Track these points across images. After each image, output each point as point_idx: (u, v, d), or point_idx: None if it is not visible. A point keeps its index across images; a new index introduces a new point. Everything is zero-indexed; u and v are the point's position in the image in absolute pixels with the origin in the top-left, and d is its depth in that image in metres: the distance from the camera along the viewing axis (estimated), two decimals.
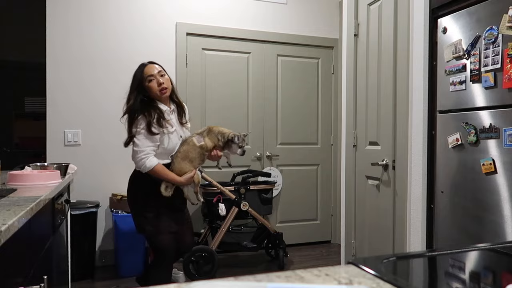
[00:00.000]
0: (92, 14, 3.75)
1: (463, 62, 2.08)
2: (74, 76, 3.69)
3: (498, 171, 1.88)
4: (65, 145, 3.67)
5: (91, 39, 3.75)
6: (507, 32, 1.83)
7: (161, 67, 2.48)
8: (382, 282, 0.67)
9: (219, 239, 3.44)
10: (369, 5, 2.94)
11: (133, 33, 3.86)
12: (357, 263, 0.75)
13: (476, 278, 0.86)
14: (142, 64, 2.49)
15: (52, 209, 1.88)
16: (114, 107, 3.82)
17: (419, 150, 2.39)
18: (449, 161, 2.18)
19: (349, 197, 3.18)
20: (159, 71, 2.44)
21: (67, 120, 3.67)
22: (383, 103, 2.76)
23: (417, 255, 0.97)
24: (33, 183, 1.82)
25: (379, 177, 2.80)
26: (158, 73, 2.42)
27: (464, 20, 2.08)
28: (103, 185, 3.74)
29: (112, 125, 3.79)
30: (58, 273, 2.08)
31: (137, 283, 2.68)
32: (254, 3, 4.25)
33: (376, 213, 2.83)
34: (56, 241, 1.99)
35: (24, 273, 1.33)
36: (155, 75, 2.41)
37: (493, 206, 1.91)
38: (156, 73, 2.42)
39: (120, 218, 3.46)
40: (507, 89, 1.84)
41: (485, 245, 1.00)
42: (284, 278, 0.68)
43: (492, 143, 1.92)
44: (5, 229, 0.99)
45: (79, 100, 3.70)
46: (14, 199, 1.42)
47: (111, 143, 3.76)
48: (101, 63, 3.78)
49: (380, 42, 2.80)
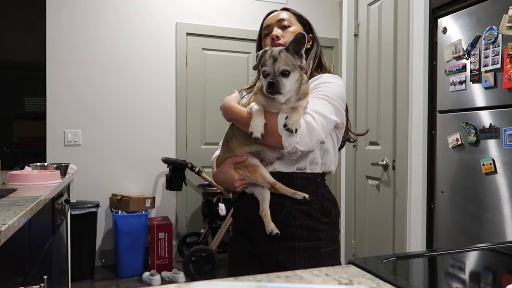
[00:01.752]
0: (92, 14, 3.75)
1: (463, 62, 2.07)
2: (74, 76, 3.69)
3: (498, 171, 1.88)
4: (65, 145, 3.67)
5: (91, 39, 3.75)
6: (507, 32, 1.83)
7: (292, 13, 1.52)
8: (382, 282, 0.67)
9: (219, 239, 3.44)
10: (369, 5, 2.94)
11: (133, 33, 3.86)
12: (357, 263, 0.75)
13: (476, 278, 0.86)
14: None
15: (52, 209, 1.88)
16: (114, 106, 3.82)
17: (419, 150, 2.39)
18: (449, 161, 2.18)
19: (349, 197, 3.18)
20: (280, 19, 1.47)
21: (67, 120, 3.67)
22: (383, 103, 2.76)
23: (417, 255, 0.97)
24: (33, 183, 1.82)
25: (379, 177, 2.80)
26: (277, 23, 1.47)
27: (464, 20, 2.08)
28: (103, 185, 3.74)
29: (112, 125, 3.80)
30: (58, 273, 2.08)
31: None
32: (254, 3, 4.25)
33: (376, 213, 2.83)
34: (56, 241, 1.99)
35: (24, 273, 1.33)
36: (273, 25, 1.47)
37: (493, 206, 1.91)
38: (274, 23, 1.47)
39: (120, 218, 3.46)
40: (507, 89, 1.84)
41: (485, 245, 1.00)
42: (284, 278, 0.68)
43: (492, 143, 1.92)
44: (5, 229, 0.99)
45: (79, 100, 3.71)
46: (14, 199, 1.42)
47: (111, 143, 3.76)
48: (101, 63, 3.78)
49: (380, 42, 2.80)
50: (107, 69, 3.79)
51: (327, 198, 1.38)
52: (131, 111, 3.86)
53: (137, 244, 3.51)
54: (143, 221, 3.55)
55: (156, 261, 3.54)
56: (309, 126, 1.21)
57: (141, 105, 3.89)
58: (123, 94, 3.84)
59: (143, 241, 3.55)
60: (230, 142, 1.37)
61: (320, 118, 1.23)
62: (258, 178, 1.30)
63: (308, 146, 1.22)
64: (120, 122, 3.82)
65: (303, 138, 1.20)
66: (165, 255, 3.57)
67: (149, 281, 3.34)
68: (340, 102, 1.30)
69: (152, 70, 3.92)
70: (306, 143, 1.21)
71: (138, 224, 3.52)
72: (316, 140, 1.22)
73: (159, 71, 3.94)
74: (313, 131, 1.21)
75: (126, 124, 3.82)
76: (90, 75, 3.75)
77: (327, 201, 1.38)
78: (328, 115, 1.25)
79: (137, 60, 3.88)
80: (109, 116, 3.78)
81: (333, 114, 1.27)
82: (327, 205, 1.37)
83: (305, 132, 1.20)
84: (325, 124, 1.24)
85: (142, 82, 3.89)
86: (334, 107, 1.28)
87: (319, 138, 1.23)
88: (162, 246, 3.56)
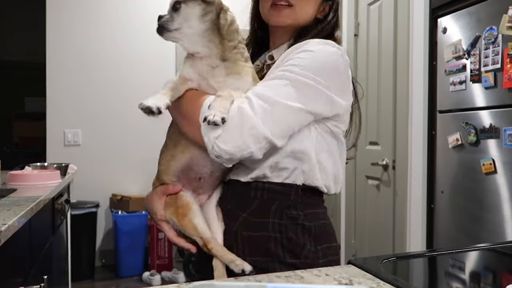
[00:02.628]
0: (92, 14, 3.75)
1: (463, 62, 2.07)
2: (74, 76, 3.69)
3: (498, 171, 1.88)
4: (65, 145, 3.67)
5: (91, 39, 3.75)
6: (507, 32, 1.82)
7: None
8: (382, 282, 0.67)
9: None
10: (369, 5, 2.94)
11: (133, 33, 3.86)
12: (357, 263, 0.75)
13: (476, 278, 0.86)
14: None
15: (52, 209, 1.88)
16: (114, 106, 3.82)
17: (419, 150, 2.39)
18: (449, 161, 2.18)
19: (349, 197, 3.18)
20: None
21: (67, 120, 3.67)
22: (383, 103, 2.76)
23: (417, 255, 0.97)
24: (33, 183, 1.82)
25: (379, 177, 2.80)
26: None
27: (464, 20, 2.08)
28: (103, 185, 3.74)
29: (112, 125, 3.80)
30: (58, 273, 2.08)
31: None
32: None
33: (376, 213, 2.83)
34: (56, 241, 1.99)
35: (24, 273, 1.33)
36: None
37: (493, 206, 1.91)
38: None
39: (120, 218, 3.46)
40: (507, 89, 1.84)
41: (485, 245, 1.00)
42: (284, 278, 0.68)
43: (492, 143, 1.91)
44: (5, 229, 0.99)
45: (79, 100, 3.70)
46: (14, 199, 1.42)
47: (111, 143, 3.76)
48: (101, 63, 3.78)
49: (380, 42, 2.80)
50: (107, 69, 3.79)
51: (301, 225, 0.92)
52: (131, 111, 3.85)
53: (137, 244, 3.50)
54: (143, 221, 3.55)
55: (156, 261, 3.54)
56: (240, 113, 0.82)
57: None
58: (123, 94, 3.84)
59: (143, 241, 3.54)
60: (162, 156, 0.98)
61: (260, 102, 0.83)
62: (186, 228, 0.92)
63: (235, 144, 0.81)
64: (120, 122, 3.81)
65: (227, 131, 0.81)
66: (165, 255, 3.57)
67: (149, 281, 3.34)
68: (321, 80, 0.87)
69: (153, 69, 3.92)
70: (232, 139, 0.81)
71: (138, 224, 3.52)
72: (250, 135, 0.81)
73: (160, 70, 3.94)
74: (245, 121, 0.81)
75: (126, 124, 3.82)
76: (90, 75, 3.74)
77: (300, 231, 0.92)
78: (281, 99, 0.83)
79: (137, 60, 3.88)
80: (109, 116, 3.78)
81: (294, 99, 0.84)
82: (300, 238, 0.91)
83: (233, 122, 0.81)
84: (270, 111, 0.82)
85: (142, 82, 3.88)
86: (300, 90, 0.85)
87: (257, 132, 0.81)
88: (162, 246, 3.56)
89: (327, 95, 0.88)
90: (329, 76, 0.89)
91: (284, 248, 0.90)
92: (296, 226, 0.92)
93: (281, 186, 0.92)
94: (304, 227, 0.92)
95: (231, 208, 0.96)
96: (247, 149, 0.82)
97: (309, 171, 0.93)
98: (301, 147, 0.90)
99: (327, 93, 0.88)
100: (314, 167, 0.93)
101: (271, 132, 0.83)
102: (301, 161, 0.91)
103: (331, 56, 0.91)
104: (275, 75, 0.88)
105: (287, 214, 0.92)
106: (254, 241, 0.91)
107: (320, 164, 0.94)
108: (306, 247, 0.91)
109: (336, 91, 0.90)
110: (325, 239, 0.95)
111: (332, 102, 0.90)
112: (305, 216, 0.93)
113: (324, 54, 0.90)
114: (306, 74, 0.86)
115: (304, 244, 0.91)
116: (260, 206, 0.92)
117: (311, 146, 0.92)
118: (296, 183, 0.92)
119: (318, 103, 0.88)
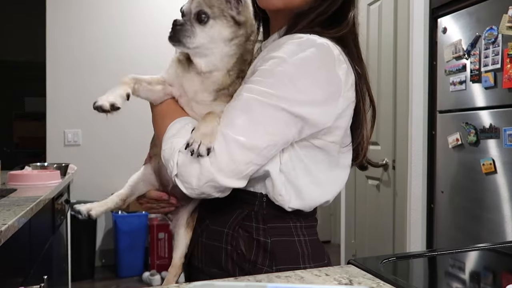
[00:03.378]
0: (92, 14, 3.75)
1: (463, 62, 2.07)
2: (74, 76, 3.69)
3: (498, 171, 1.88)
4: (65, 145, 3.67)
5: (91, 39, 3.75)
6: (507, 32, 1.82)
7: None
8: (382, 282, 0.67)
9: None
10: (369, 5, 2.94)
11: (134, 33, 3.86)
12: (357, 263, 0.75)
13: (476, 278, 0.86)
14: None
15: (52, 209, 1.88)
16: None
17: (419, 150, 2.39)
18: (449, 161, 2.18)
19: (349, 197, 3.18)
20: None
21: (67, 120, 3.67)
22: (383, 103, 2.76)
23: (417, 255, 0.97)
24: (33, 183, 1.82)
25: (379, 177, 2.80)
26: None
27: (464, 20, 2.08)
28: (103, 185, 3.73)
29: (112, 125, 3.79)
30: (58, 273, 2.08)
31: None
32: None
33: (376, 213, 2.83)
34: (56, 241, 1.99)
35: (24, 273, 1.33)
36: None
37: (493, 206, 1.91)
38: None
39: (120, 218, 3.46)
40: (507, 89, 1.83)
41: (485, 245, 1.00)
42: (284, 278, 0.68)
43: (492, 143, 1.91)
44: (5, 229, 0.99)
45: (79, 100, 3.70)
46: (14, 199, 1.42)
47: (111, 143, 3.75)
48: (101, 63, 3.77)
49: (380, 42, 2.80)
50: (107, 69, 3.79)
51: (256, 240, 0.81)
52: (131, 111, 3.85)
53: (137, 244, 3.50)
54: (143, 221, 3.55)
55: (156, 261, 3.54)
56: (198, 163, 0.72)
57: (142, 105, 3.88)
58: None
59: (143, 241, 3.54)
60: (151, 144, 1.00)
61: (222, 143, 0.72)
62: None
63: (192, 191, 0.73)
64: (120, 122, 3.81)
65: (185, 175, 0.73)
66: (165, 255, 3.56)
67: (149, 281, 3.34)
68: (291, 96, 0.73)
69: (154, 69, 3.89)
70: (189, 185, 0.73)
71: (138, 224, 3.52)
72: (208, 186, 0.72)
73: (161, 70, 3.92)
74: (204, 175, 0.72)
75: (126, 124, 3.82)
76: (90, 75, 3.74)
77: (253, 246, 0.81)
78: (239, 136, 0.72)
79: (137, 59, 3.87)
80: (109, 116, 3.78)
81: (253, 133, 0.72)
82: (250, 254, 0.81)
83: (192, 167, 0.72)
84: (231, 153, 0.72)
85: None
86: (264, 118, 0.73)
87: (216, 184, 0.72)
88: (162, 246, 3.56)
89: (297, 116, 0.74)
90: (305, 89, 0.74)
91: (234, 262, 0.81)
92: (249, 240, 0.81)
93: (246, 194, 0.82)
94: (259, 242, 0.80)
95: (201, 209, 0.92)
96: (208, 196, 0.75)
97: (271, 187, 0.81)
98: (263, 168, 0.77)
99: (297, 113, 0.74)
100: (278, 185, 0.80)
101: (233, 178, 0.72)
102: (263, 178, 0.81)
103: (308, 60, 0.75)
104: (236, 98, 0.76)
105: (243, 226, 0.82)
106: (210, 251, 0.85)
107: (289, 183, 0.80)
108: (256, 265, 0.79)
109: (316, 103, 0.75)
110: (288, 259, 0.81)
111: (305, 122, 0.75)
112: (265, 230, 0.81)
113: (297, 61, 0.74)
114: (269, 93, 0.72)
115: (254, 261, 0.80)
116: (221, 213, 0.84)
117: (275, 167, 0.79)
118: (261, 192, 0.82)
119: (284, 130, 0.74)
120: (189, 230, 0.91)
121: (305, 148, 0.80)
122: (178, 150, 0.74)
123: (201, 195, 0.74)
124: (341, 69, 0.79)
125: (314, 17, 0.82)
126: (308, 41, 0.76)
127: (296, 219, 0.84)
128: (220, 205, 0.83)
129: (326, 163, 0.84)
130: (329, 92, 0.77)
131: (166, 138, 0.77)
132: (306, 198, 0.82)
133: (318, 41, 0.77)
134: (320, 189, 0.85)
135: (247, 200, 0.82)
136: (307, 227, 0.86)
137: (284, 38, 0.80)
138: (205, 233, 0.87)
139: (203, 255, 0.87)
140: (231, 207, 0.83)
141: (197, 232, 0.90)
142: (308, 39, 0.77)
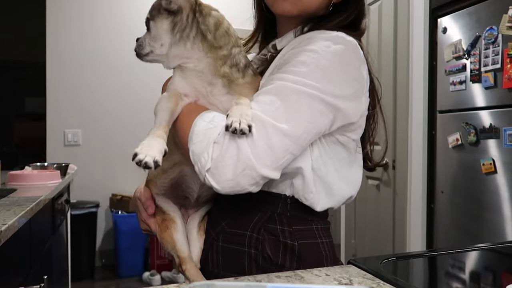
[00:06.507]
0: (92, 14, 3.75)
1: (463, 62, 2.07)
2: (74, 76, 3.69)
3: (498, 171, 1.88)
4: (65, 145, 3.67)
5: (91, 39, 3.74)
6: (507, 32, 1.82)
7: None
8: (382, 282, 0.67)
9: None
10: (369, 5, 2.94)
11: (134, 33, 3.83)
12: (357, 263, 0.75)
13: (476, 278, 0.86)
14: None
15: (52, 209, 1.88)
16: (114, 106, 3.82)
17: (419, 150, 2.39)
18: (449, 161, 2.18)
19: None
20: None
21: (67, 120, 3.67)
22: (383, 103, 2.75)
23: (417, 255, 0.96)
24: (33, 183, 1.82)
25: (379, 177, 2.80)
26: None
27: (464, 20, 2.08)
28: (103, 185, 3.74)
29: (112, 125, 3.80)
30: (58, 273, 2.08)
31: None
32: None
33: (376, 213, 2.83)
34: (56, 241, 1.99)
35: (24, 273, 1.33)
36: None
37: (493, 206, 1.91)
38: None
39: (120, 218, 3.46)
40: (507, 89, 1.84)
41: (485, 245, 1.00)
42: (284, 278, 0.68)
43: (492, 143, 1.91)
44: (5, 229, 0.99)
45: (79, 100, 3.70)
46: (14, 199, 1.42)
47: (111, 143, 3.75)
48: (101, 63, 3.78)
49: (380, 42, 2.80)
50: (107, 69, 3.79)
51: (283, 243, 0.80)
52: (131, 111, 3.85)
53: (137, 244, 3.50)
54: None
55: (156, 261, 3.54)
56: (236, 148, 0.69)
57: (142, 105, 3.88)
58: (123, 94, 3.84)
59: (143, 241, 3.54)
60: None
61: (259, 128, 0.69)
62: (164, 241, 0.92)
63: (226, 184, 0.69)
64: (120, 122, 3.81)
65: (219, 167, 0.69)
66: (165, 255, 3.56)
67: (149, 281, 3.34)
68: (324, 88, 0.73)
69: (153, 70, 3.90)
70: (224, 178, 0.69)
71: (138, 224, 3.51)
72: (244, 175, 0.68)
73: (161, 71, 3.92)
74: (241, 161, 0.68)
75: (126, 124, 3.82)
76: (90, 75, 3.74)
77: (280, 250, 0.79)
78: (277, 123, 0.70)
79: (137, 60, 3.86)
80: (109, 116, 3.78)
81: (294, 119, 0.71)
82: (278, 257, 0.79)
83: (226, 156, 0.69)
84: (268, 139, 0.69)
85: (143, 82, 3.88)
86: (300, 106, 0.72)
87: (253, 173, 0.69)
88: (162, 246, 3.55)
89: (332, 105, 0.74)
90: (336, 81, 0.75)
91: (259, 267, 0.78)
92: (275, 243, 0.79)
93: (268, 196, 0.80)
94: (286, 245, 0.79)
95: (215, 211, 0.88)
96: (242, 189, 0.70)
97: (301, 186, 0.79)
98: (295, 164, 0.76)
99: (331, 103, 0.74)
100: (309, 183, 0.79)
101: (270, 167, 0.69)
102: (293, 175, 0.79)
103: (339, 55, 0.76)
104: (267, 85, 0.75)
105: (268, 229, 0.80)
106: (228, 255, 0.82)
107: (319, 180, 0.80)
108: (284, 268, 0.77)
109: (346, 97, 0.76)
110: (314, 262, 0.79)
111: (338, 112, 0.75)
112: (291, 233, 0.80)
113: (329, 55, 0.75)
114: (303, 82, 0.72)
115: (282, 264, 0.78)
116: (240, 215, 0.81)
117: (307, 164, 0.78)
118: (285, 193, 0.80)
119: (319, 119, 0.73)
120: (201, 233, 0.89)
121: (332, 144, 0.81)
122: (213, 141, 0.70)
123: (234, 188, 0.69)
124: (364, 70, 0.83)
125: (336, 24, 0.85)
126: (338, 38, 0.78)
127: (317, 221, 0.84)
128: (239, 207, 0.81)
129: (346, 160, 0.85)
130: (356, 89, 0.79)
131: (197, 131, 0.72)
132: (336, 194, 0.83)
133: (347, 38, 0.79)
134: (346, 185, 0.86)
135: (269, 201, 0.80)
136: (325, 229, 0.86)
137: (312, 33, 0.81)
138: (222, 237, 0.84)
139: (220, 259, 0.83)
140: (251, 210, 0.81)
141: (211, 236, 0.87)
142: (338, 35, 0.79)
